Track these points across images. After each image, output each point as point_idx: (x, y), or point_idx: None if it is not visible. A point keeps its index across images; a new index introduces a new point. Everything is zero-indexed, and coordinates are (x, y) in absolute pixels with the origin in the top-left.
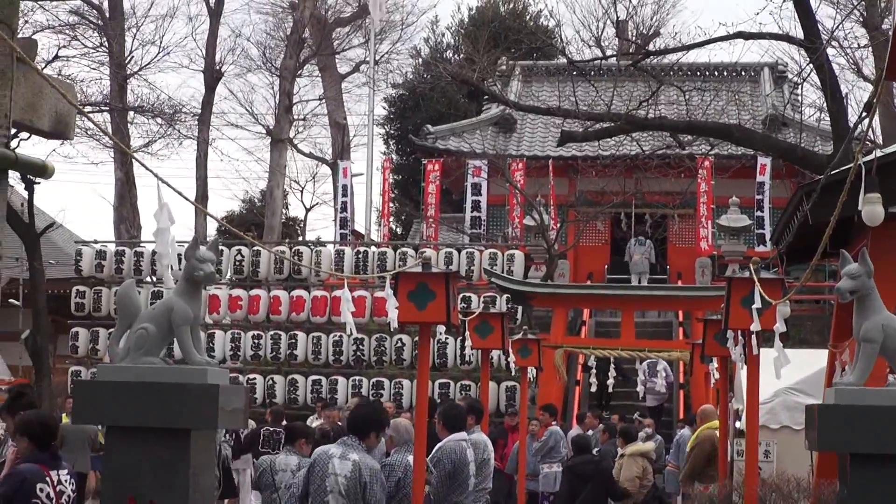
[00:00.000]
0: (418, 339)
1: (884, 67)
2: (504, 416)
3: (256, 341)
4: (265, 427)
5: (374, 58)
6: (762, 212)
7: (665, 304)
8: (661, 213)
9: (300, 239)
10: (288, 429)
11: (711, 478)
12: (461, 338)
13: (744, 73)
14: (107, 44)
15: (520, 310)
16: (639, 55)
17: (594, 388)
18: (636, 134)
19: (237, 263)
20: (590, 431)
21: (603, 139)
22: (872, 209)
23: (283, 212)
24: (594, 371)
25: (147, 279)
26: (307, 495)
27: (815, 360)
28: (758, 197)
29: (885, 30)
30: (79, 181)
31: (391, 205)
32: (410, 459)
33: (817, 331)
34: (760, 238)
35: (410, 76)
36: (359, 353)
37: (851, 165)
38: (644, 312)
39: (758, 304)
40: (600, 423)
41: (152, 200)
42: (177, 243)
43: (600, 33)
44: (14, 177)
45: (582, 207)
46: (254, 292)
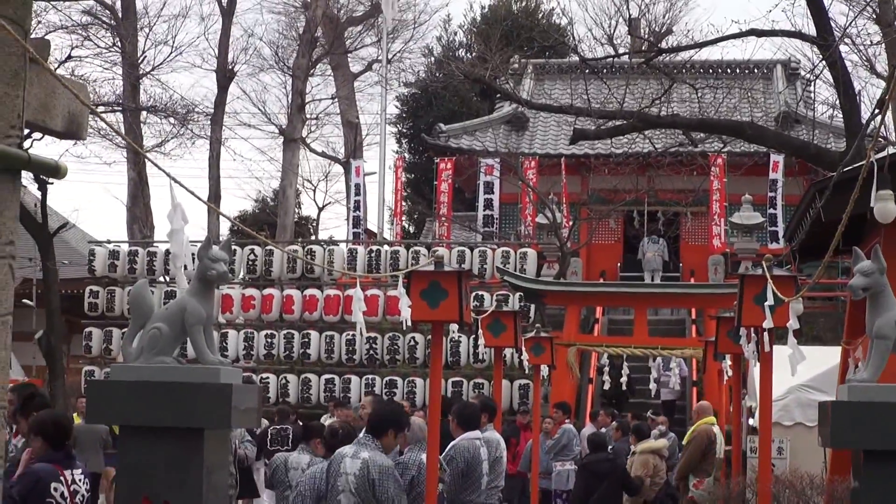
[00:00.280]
0: (431, 337)
1: None
2: (516, 415)
3: (269, 340)
4: (272, 426)
5: (386, 56)
6: (775, 209)
7: (678, 302)
8: (673, 210)
9: (313, 238)
10: (305, 427)
11: (706, 472)
12: (474, 336)
13: (756, 70)
14: (119, 44)
15: (532, 308)
16: (651, 53)
17: (607, 386)
18: (649, 132)
19: (250, 263)
20: (603, 429)
21: (615, 137)
22: (885, 206)
23: (296, 211)
24: (607, 369)
25: (160, 279)
26: (322, 496)
27: (828, 357)
28: (770, 194)
29: None
30: (92, 181)
31: (404, 203)
32: (424, 458)
33: (830, 328)
34: (773, 235)
35: (423, 75)
36: (372, 351)
37: (864, 162)
38: (657, 310)
39: (770, 301)
40: (613, 421)
41: (165, 200)
42: (190, 243)
43: (613, 31)
44: (27, 177)
45: (594, 205)
46: (267, 291)
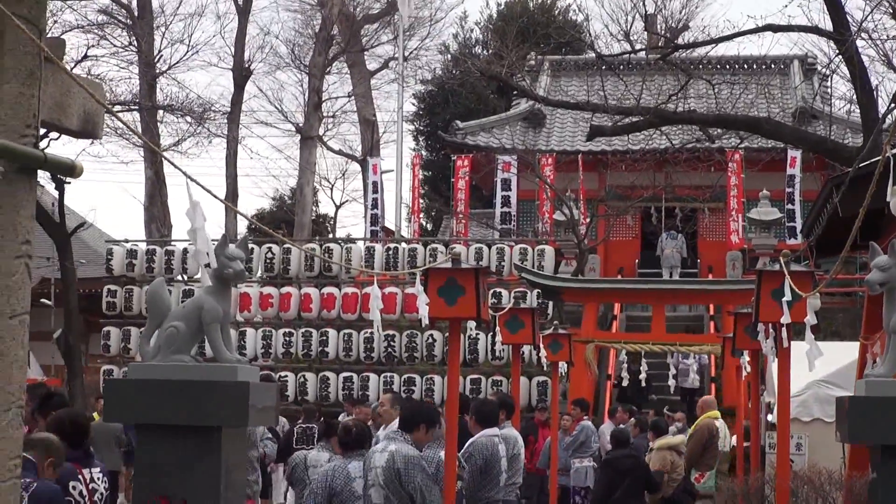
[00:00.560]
0: (449, 334)
1: None
2: (535, 412)
3: (288, 339)
4: (298, 424)
5: (402, 54)
6: (793, 204)
7: (696, 298)
8: (691, 206)
9: (330, 236)
10: (327, 424)
11: (708, 466)
12: (492, 333)
13: (773, 65)
14: (136, 43)
15: (550, 305)
16: (668, 49)
17: (626, 383)
18: (665, 128)
19: (268, 261)
20: (621, 426)
21: (632, 133)
22: None
23: (314, 209)
24: (625, 365)
25: (178, 278)
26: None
27: (846, 352)
28: (788, 190)
29: None
30: (109, 180)
31: (421, 201)
32: (442, 455)
33: (849, 323)
34: (791, 231)
35: (439, 72)
36: (390, 349)
37: (881, 157)
38: (675, 307)
39: (788, 297)
40: (631, 418)
41: (183, 199)
42: (210, 241)
43: (629, 27)
44: (45, 177)
45: (612, 202)
46: (285, 290)
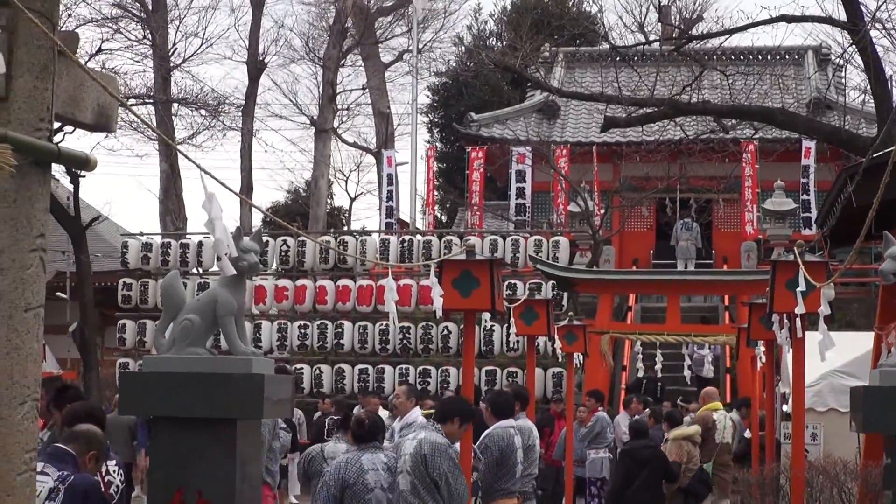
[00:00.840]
0: (464, 326)
1: None
2: (550, 403)
3: (303, 331)
4: (330, 416)
5: (416, 46)
6: (808, 195)
7: (711, 289)
8: (705, 197)
9: (345, 228)
10: (346, 418)
11: (706, 457)
12: (507, 325)
13: (787, 56)
14: (150, 36)
15: (565, 296)
16: (682, 40)
17: (641, 374)
18: (680, 119)
19: (283, 254)
20: (635, 417)
21: (646, 124)
22: None
23: (328, 202)
24: (641, 356)
25: (193, 270)
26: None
27: (861, 342)
28: (803, 180)
29: None
30: (124, 174)
31: (436, 193)
32: (458, 446)
33: (863, 313)
34: (806, 221)
35: (453, 64)
36: (405, 341)
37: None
38: (690, 297)
39: (802, 287)
40: (646, 409)
41: (198, 192)
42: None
43: (643, 18)
44: (60, 170)
45: (626, 193)
46: (300, 282)
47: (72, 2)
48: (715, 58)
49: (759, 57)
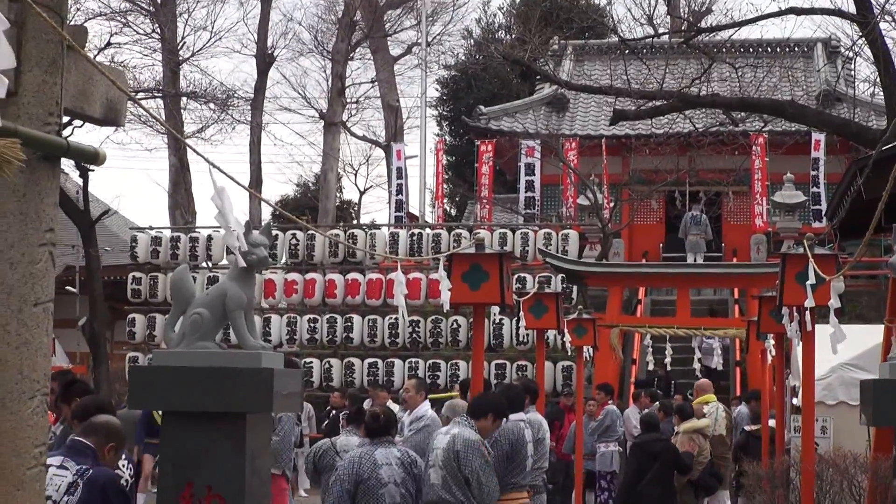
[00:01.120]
0: (473, 320)
1: None
2: (560, 397)
3: (312, 325)
4: (344, 411)
5: (425, 39)
6: (818, 187)
7: (720, 282)
8: (715, 190)
9: (354, 222)
10: (359, 411)
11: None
12: (516, 318)
13: (796, 48)
14: (159, 30)
15: (575, 289)
16: (691, 32)
17: (651, 367)
18: (689, 111)
19: (292, 247)
20: (646, 410)
21: (656, 117)
22: None
23: (338, 195)
24: (650, 349)
25: (202, 264)
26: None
27: (871, 335)
28: (813, 173)
29: None
30: (133, 168)
31: (445, 186)
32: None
33: (873, 306)
34: (816, 214)
35: (463, 57)
36: (415, 335)
37: None
38: (700, 290)
39: (812, 280)
40: (653, 402)
41: (207, 186)
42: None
43: (652, 11)
44: (68, 164)
45: (636, 186)
46: (309, 276)
47: None
48: (724, 50)
49: (769, 49)
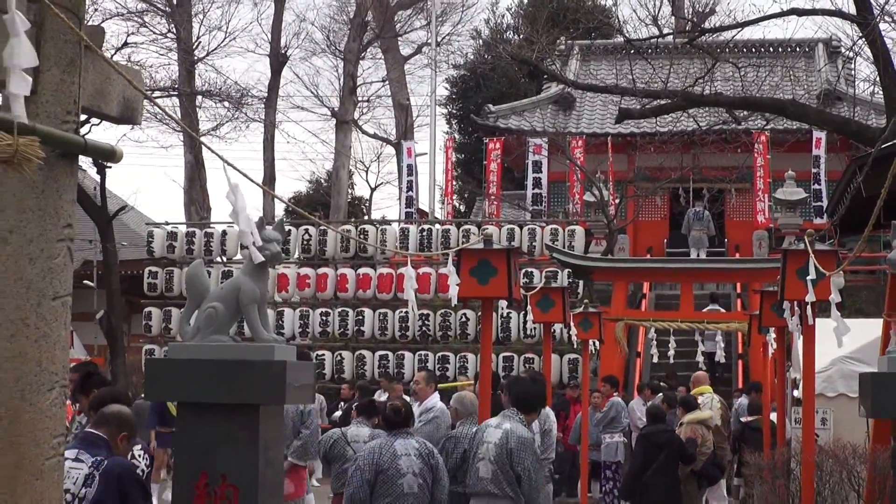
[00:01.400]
0: (481, 313)
1: None
2: (566, 389)
3: (324, 318)
4: (356, 402)
5: (435, 39)
6: (818, 185)
7: (723, 277)
8: (718, 187)
9: (366, 218)
10: (370, 403)
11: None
12: (524, 312)
13: (798, 48)
14: (174, 30)
15: (581, 284)
16: (694, 33)
17: (656, 360)
18: (693, 110)
19: (305, 243)
20: (652, 402)
21: (660, 116)
22: None
23: (349, 192)
24: (655, 342)
25: (217, 259)
26: (381, 471)
27: (870, 329)
28: (814, 170)
29: None
30: (149, 165)
31: (454, 183)
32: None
33: (873, 301)
34: (818, 211)
35: (472, 57)
36: (424, 328)
37: None
38: (703, 285)
39: (813, 275)
40: (658, 394)
41: (221, 182)
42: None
43: (657, 12)
44: (86, 162)
45: (641, 183)
46: (321, 271)
47: None
48: (727, 50)
49: (771, 49)
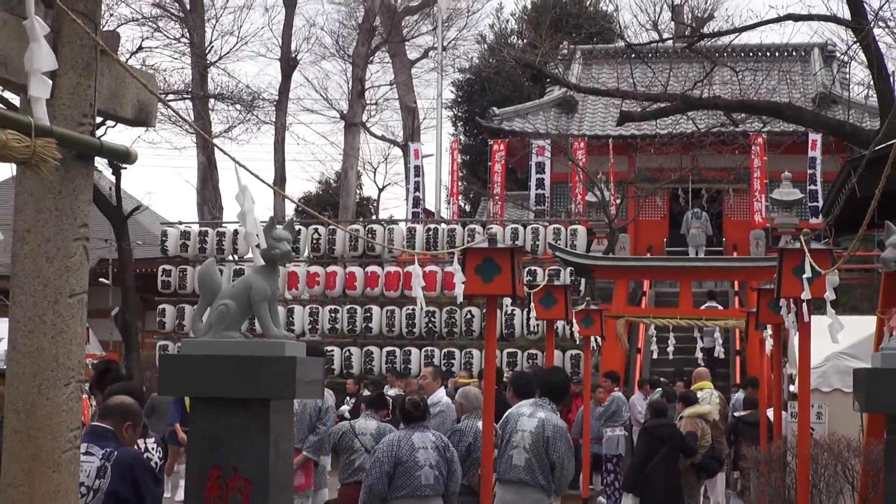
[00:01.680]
0: (486, 310)
1: None
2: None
3: (333, 315)
4: (368, 396)
5: (441, 44)
6: (814, 185)
7: (721, 275)
8: (716, 188)
9: (374, 218)
10: (379, 396)
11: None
12: (527, 309)
13: (794, 53)
14: (188, 35)
15: (583, 282)
16: (694, 38)
17: (656, 356)
18: (692, 113)
19: (314, 242)
20: (654, 397)
21: (660, 118)
22: None
23: (357, 192)
24: (654, 339)
25: (229, 258)
26: (400, 462)
27: (864, 326)
28: (810, 171)
29: None
30: (163, 166)
31: (460, 184)
32: (480, 425)
33: (867, 298)
34: (813, 210)
35: (477, 61)
36: (430, 324)
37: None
38: (701, 283)
39: (808, 273)
40: (654, 389)
41: (233, 183)
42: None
43: (657, 17)
44: (102, 163)
45: (641, 183)
46: (330, 269)
47: (113, 2)
48: (725, 55)
49: (768, 54)
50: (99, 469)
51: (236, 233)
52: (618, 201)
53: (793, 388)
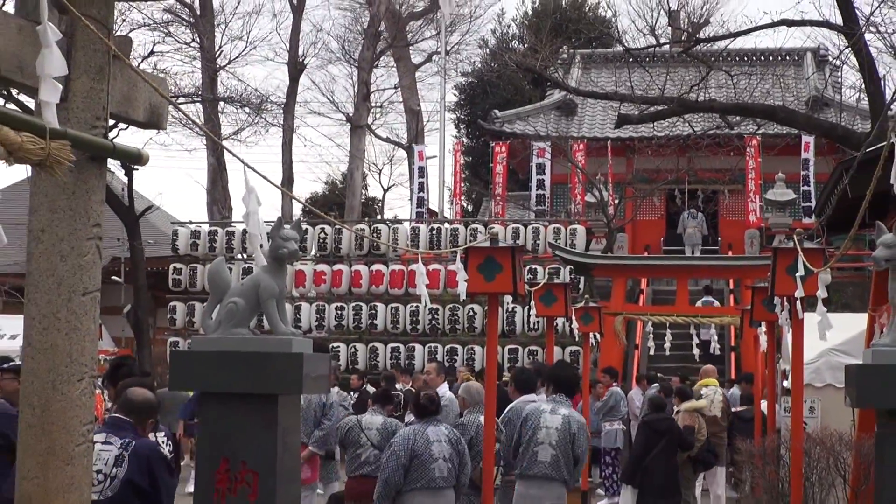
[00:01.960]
0: (488, 308)
1: None
2: None
3: (339, 312)
4: (375, 392)
5: (444, 49)
6: (807, 186)
7: (717, 273)
8: (712, 188)
9: (379, 218)
10: (385, 392)
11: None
12: (528, 306)
13: (788, 57)
14: (198, 40)
15: (582, 280)
16: (690, 42)
17: (653, 352)
18: (688, 116)
19: (321, 241)
20: (650, 392)
21: (657, 121)
22: None
23: (363, 192)
24: (652, 335)
25: (238, 256)
26: (416, 455)
27: (856, 323)
28: (803, 172)
29: None
30: (174, 167)
31: (462, 185)
32: (482, 419)
33: (858, 296)
34: (806, 211)
35: (479, 65)
36: (434, 321)
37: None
38: (697, 281)
39: (801, 272)
40: (651, 384)
41: (242, 184)
42: (265, 223)
43: (654, 23)
44: (114, 164)
45: (638, 184)
46: (336, 267)
47: (126, 7)
48: (721, 59)
49: (762, 58)
50: (117, 458)
51: (245, 232)
52: (616, 202)
53: (786, 384)
